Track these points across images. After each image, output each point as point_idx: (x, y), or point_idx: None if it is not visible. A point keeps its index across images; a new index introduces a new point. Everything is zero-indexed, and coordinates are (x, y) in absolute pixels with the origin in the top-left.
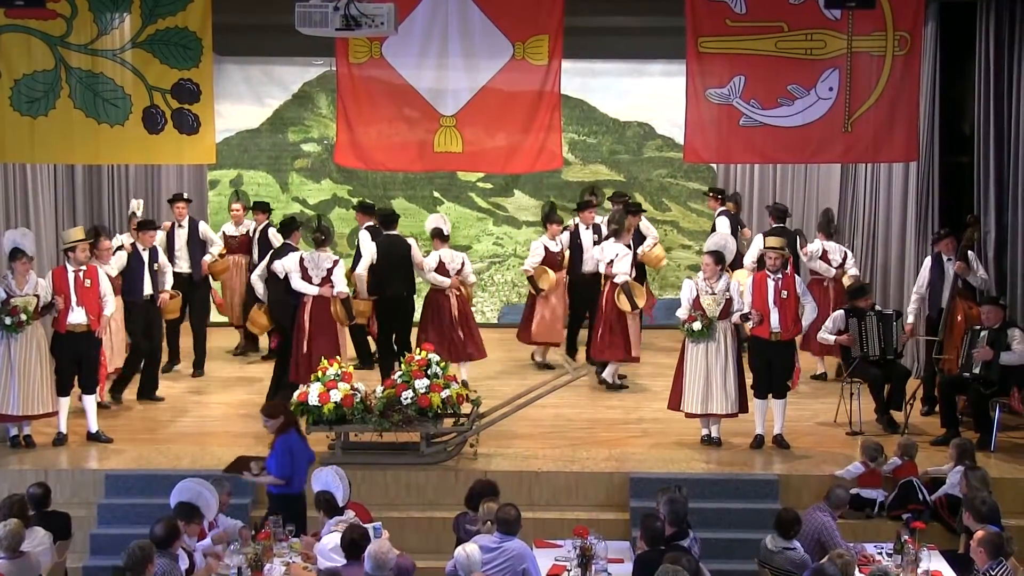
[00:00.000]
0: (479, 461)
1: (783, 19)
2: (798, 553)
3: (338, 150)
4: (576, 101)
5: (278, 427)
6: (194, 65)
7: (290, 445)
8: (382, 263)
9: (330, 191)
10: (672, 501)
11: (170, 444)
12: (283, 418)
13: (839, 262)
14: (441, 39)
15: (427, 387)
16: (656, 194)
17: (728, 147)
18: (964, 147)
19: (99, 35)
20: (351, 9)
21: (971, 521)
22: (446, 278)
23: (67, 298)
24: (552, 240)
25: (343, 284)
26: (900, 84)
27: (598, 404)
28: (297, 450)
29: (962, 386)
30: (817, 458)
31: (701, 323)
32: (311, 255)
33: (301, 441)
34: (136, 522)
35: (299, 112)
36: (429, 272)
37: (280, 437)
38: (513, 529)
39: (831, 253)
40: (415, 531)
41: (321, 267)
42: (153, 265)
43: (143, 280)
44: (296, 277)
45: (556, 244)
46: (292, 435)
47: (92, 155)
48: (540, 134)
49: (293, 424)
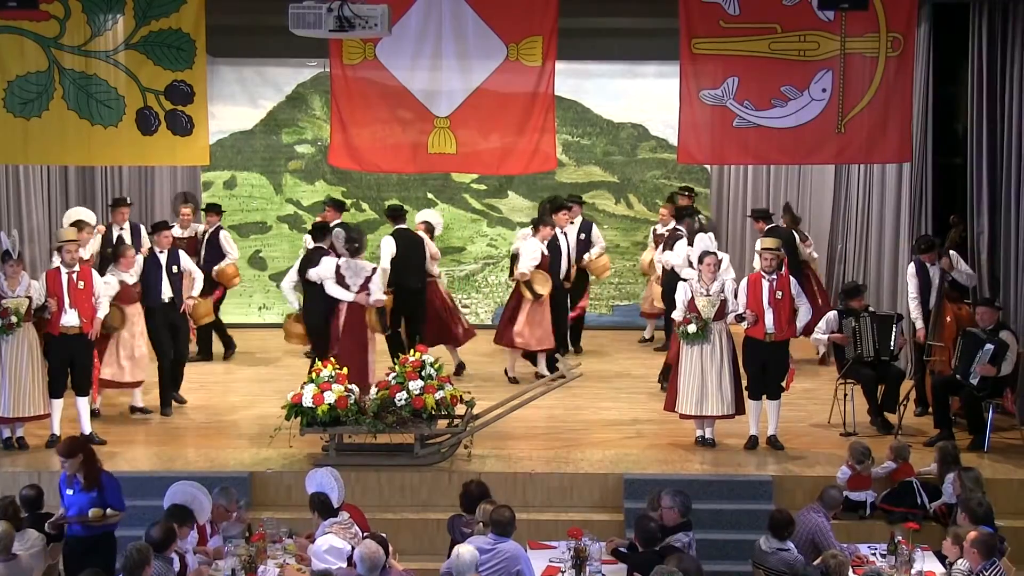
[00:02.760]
0: (473, 462)
1: (776, 20)
2: (792, 554)
3: (332, 151)
4: (570, 102)
5: (78, 465)
6: (187, 66)
7: (111, 477)
8: (400, 257)
9: (324, 192)
10: (679, 493)
11: (163, 446)
12: (81, 456)
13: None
14: (435, 40)
15: (421, 388)
16: (650, 195)
17: (722, 148)
18: (957, 148)
19: (92, 36)
20: (345, 10)
21: (966, 522)
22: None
23: (60, 300)
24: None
25: (380, 293)
26: (893, 85)
27: (592, 405)
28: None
29: (954, 387)
30: (811, 459)
31: (696, 325)
32: (348, 262)
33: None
34: (129, 524)
35: (293, 113)
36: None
37: (102, 473)
38: (507, 531)
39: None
40: (409, 533)
41: (360, 275)
42: (172, 268)
43: (161, 284)
44: (331, 283)
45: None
46: (101, 469)
47: (85, 156)
48: (534, 135)
49: (94, 455)
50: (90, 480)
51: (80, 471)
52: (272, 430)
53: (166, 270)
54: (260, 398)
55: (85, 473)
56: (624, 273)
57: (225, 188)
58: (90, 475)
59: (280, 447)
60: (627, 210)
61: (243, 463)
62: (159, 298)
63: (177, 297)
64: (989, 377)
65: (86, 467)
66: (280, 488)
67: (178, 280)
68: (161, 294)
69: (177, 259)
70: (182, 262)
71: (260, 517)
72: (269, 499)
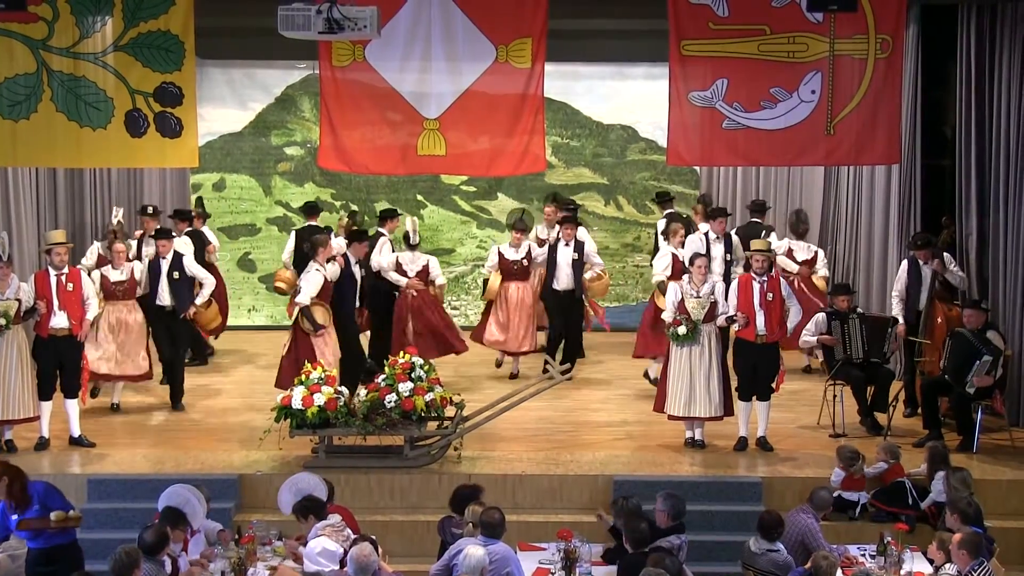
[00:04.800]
0: (463, 464)
1: (766, 22)
2: (781, 555)
3: (321, 153)
4: (559, 104)
5: (4, 489)
6: (176, 68)
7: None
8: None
9: (313, 194)
10: (671, 496)
11: (153, 448)
12: (6, 478)
13: (806, 259)
14: (424, 42)
15: (411, 390)
16: (639, 197)
17: (711, 150)
18: (945, 150)
19: (81, 38)
20: (334, 12)
21: (957, 523)
22: (403, 277)
23: (49, 302)
24: (512, 248)
25: (441, 277)
26: (882, 87)
27: (582, 407)
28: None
29: (944, 388)
30: (800, 460)
31: (686, 326)
32: (406, 255)
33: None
34: (119, 527)
35: (282, 115)
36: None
37: (30, 484)
38: (497, 532)
39: (796, 251)
40: (399, 535)
41: (417, 263)
42: (173, 274)
43: (158, 290)
44: (392, 274)
45: (515, 252)
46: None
47: (74, 158)
48: (523, 137)
49: (17, 475)
50: (21, 501)
51: (4, 494)
52: (262, 432)
53: (167, 276)
54: (250, 400)
55: (10, 494)
56: (615, 275)
57: (214, 190)
58: (18, 495)
59: (270, 449)
60: (616, 212)
61: (232, 465)
62: (154, 303)
63: (178, 304)
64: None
65: (10, 488)
66: (270, 491)
67: (180, 286)
68: (157, 299)
69: (180, 266)
70: (187, 269)
71: (249, 520)
72: (259, 501)
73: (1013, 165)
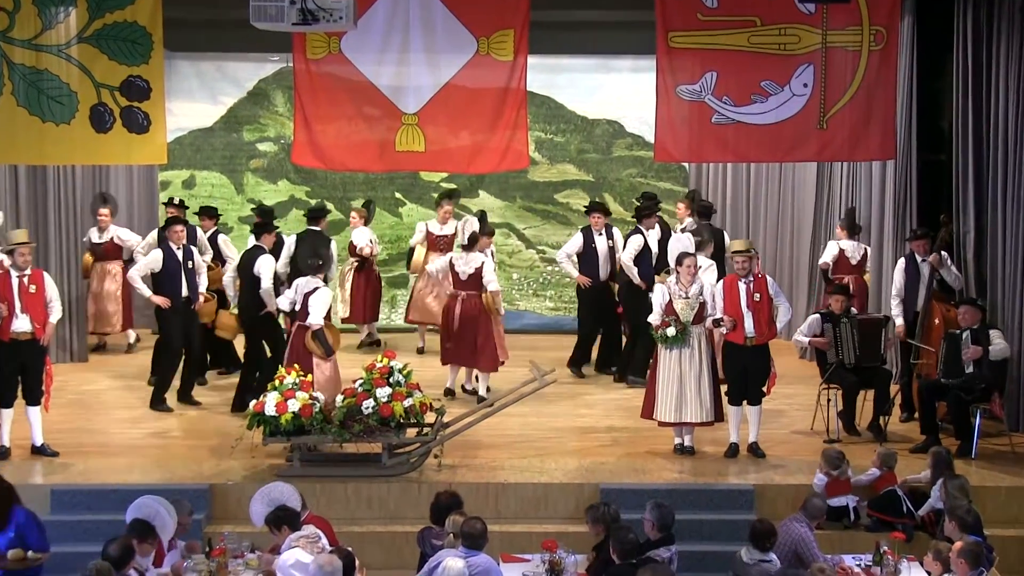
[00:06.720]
0: (444, 472)
1: (756, 13)
2: (774, 566)
3: (295, 150)
4: (543, 98)
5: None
6: (144, 61)
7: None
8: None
9: (287, 192)
10: (659, 506)
11: (119, 457)
12: None
13: (857, 260)
14: (402, 34)
15: (389, 396)
16: (626, 194)
17: (700, 146)
18: (942, 144)
19: (43, 30)
20: (308, 3)
21: (955, 531)
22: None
23: (11, 305)
24: (439, 224)
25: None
26: (876, 80)
27: (567, 412)
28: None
29: (941, 392)
30: (793, 467)
31: (675, 328)
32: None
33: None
34: (84, 539)
35: (254, 110)
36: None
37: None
38: (479, 543)
39: (848, 251)
40: (377, 546)
41: (471, 265)
42: (188, 264)
43: (181, 282)
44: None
45: (441, 229)
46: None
47: (37, 155)
48: (506, 132)
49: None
50: (2, 520)
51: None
52: (234, 440)
53: (183, 266)
54: (220, 406)
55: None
56: None
57: (184, 188)
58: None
59: (242, 458)
60: None
61: (203, 475)
62: (179, 296)
63: (192, 293)
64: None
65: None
66: (243, 500)
67: (192, 276)
68: (180, 292)
69: (191, 255)
70: (195, 258)
71: (221, 531)
72: (230, 512)
73: (1012, 160)
